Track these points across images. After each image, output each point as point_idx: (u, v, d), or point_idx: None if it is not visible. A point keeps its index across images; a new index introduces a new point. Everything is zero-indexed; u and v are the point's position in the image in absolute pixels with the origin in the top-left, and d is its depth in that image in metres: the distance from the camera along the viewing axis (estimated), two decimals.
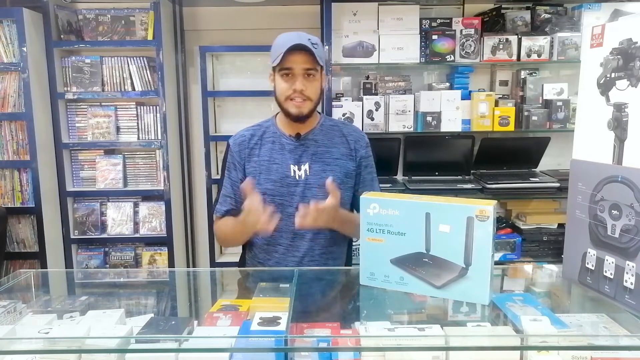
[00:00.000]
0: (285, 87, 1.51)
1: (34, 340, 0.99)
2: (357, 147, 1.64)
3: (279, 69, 1.51)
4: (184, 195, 3.17)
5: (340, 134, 1.64)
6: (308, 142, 1.60)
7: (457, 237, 1.14)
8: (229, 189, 1.63)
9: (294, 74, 1.49)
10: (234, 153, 1.62)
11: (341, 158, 1.61)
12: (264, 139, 1.61)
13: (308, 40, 1.47)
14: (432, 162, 2.93)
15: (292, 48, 1.45)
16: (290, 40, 1.46)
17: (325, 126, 1.64)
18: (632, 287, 1.05)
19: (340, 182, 1.57)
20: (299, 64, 1.48)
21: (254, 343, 0.98)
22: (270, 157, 1.59)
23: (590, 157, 1.17)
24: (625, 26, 1.08)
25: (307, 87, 1.50)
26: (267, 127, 1.64)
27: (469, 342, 1.03)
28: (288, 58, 1.47)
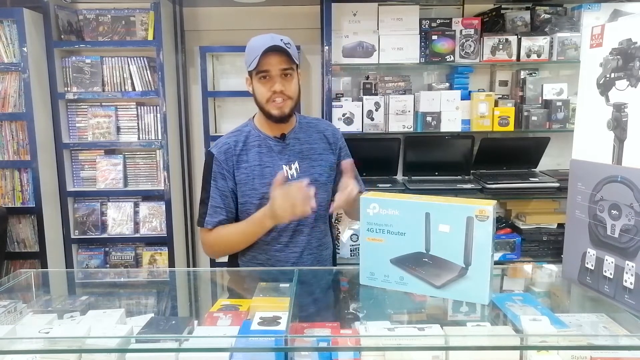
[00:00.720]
0: (265, 89, 1.51)
1: (35, 340, 1.00)
2: (334, 141, 1.68)
3: (256, 73, 1.51)
4: (184, 195, 3.17)
5: (317, 130, 1.67)
6: (292, 141, 1.62)
7: (456, 237, 1.14)
8: (217, 199, 1.58)
9: (272, 75, 1.50)
10: (221, 162, 1.58)
11: (324, 153, 1.65)
12: (248, 144, 1.60)
13: (281, 40, 1.48)
14: (432, 162, 2.94)
15: (267, 50, 1.45)
16: (264, 43, 1.46)
17: (303, 124, 1.67)
18: (631, 287, 1.05)
19: (327, 175, 1.63)
20: (275, 66, 1.48)
21: (254, 343, 0.99)
22: (260, 160, 1.58)
23: (590, 157, 1.17)
24: (624, 26, 1.08)
25: (286, 87, 1.51)
26: (247, 131, 1.63)
27: (468, 342, 1.03)
28: (264, 61, 1.47)
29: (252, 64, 1.48)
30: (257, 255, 1.62)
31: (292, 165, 1.60)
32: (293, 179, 1.57)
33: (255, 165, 1.58)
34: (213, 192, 1.59)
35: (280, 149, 1.60)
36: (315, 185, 1.54)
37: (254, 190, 1.56)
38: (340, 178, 1.60)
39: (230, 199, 1.58)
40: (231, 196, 1.59)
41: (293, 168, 1.59)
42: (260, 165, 1.58)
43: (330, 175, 1.65)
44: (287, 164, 1.59)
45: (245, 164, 1.58)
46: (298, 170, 1.59)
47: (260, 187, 1.56)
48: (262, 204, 1.55)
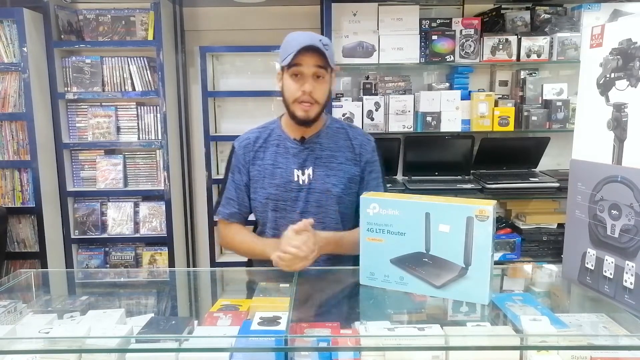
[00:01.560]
0: (294, 88, 1.47)
1: (35, 340, 1.00)
2: (362, 152, 1.59)
3: (288, 68, 1.47)
4: (184, 195, 3.17)
5: (346, 138, 1.61)
6: (312, 145, 1.57)
7: (456, 237, 1.14)
8: (232, 192, 1.61)
9: (304, 74, 1.46)
10: (239, 156, 1.60)
11: (345, 163, 1.57)
12: (268, 142, 1.59)
13: (319, 41, 1.44)
14: (432, 162, 2.93)
15: (303, 49, 1.42)
16: (302, 40, 1.43)
17: (332, 129, 1.61)
18: (631, 287, 1.05)
19: (343, 187, 1.55)
20: (309, 65, 1.44)
21: (254, 343, 0.99)
22: (274, 161, 1.57)
23: (590, 157, 1.17)
24: (624, 26, 1.08)
25: (315, 89, 1.47)
26: (272, 129, 1.62)
27: (468, 342, 1.03)
28: (298, 58, 1.43)
29: (286, 59, 1.44)
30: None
31: (306, 171, 1.55)
32: (304, 184, 1.55)
33: (268, 164, 1.57)
34: (229, 184, 1.62)
35: (297, 152, 1.56)
36: (327, 196, 1.53)
37: (262, 189, 1.56)
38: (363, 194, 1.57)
39: (244, 193, 1.59)
40: (245, 190, 1.60)
41: (306, 174, 1.55)
42: (273, 165, 1.56)
43: (349, 188, 1.57)
44: (300, 168, 1.55)
45: (260, 161, 1.58)
46: (311, 176, 1.55)
47: (268, 187, 1.55)
48: (267, 203, 1.55)
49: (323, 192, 1.54)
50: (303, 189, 1.55)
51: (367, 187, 1.59)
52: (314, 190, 1.55)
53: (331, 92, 1.57)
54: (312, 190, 1.55)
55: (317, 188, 1.55)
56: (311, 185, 1.55)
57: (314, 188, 1.55)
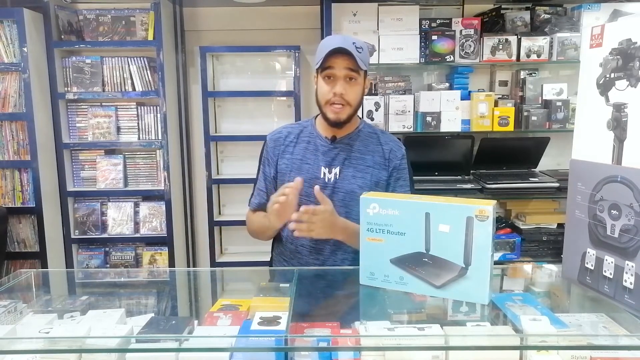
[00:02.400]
0: (326, 90, 1.50)
1: (35, 340, 1.00)
2: (391, 157, 1.60)
3: (321, 71, 1.50)
4: (184, 195, 3.17)
5: (377, 142, 1.62)
6: (343, 145, 1.59)
7: (456, 237, 1.14)
8: (262, 182, 1.66)
9: (336, 77, 1.48)
10: (269, 149, 1.64)
11: (374, 166, 1.58)
12: (300, 138, 1.62)
13: (353, 44, 1.46)
14: (432, 162, 2.93)
15: (334, 51, 1.44)
16: (334, 43, 1.46)
17: (364, 132, 1.62)
18: (631, 287, 1.05)
19: (369, 190, 1.55)
20: (340, 68, 1.47)
21: (254, 343, 0.99)
22: (303, 156, 1.59)
23: (590, 157, 1.17)
24: (624, 26, 1.08)
25: (347, 92, 1.49)
26: (305, 126, 1.65)
27: (468, 342, 1.03)
28: (330, 60, 1.46)
29: (319, 62, 1.48)
30: (284, 251, 1.66)
31: (333, 170, 1.57)
32: (330, 182, 1.57)
33: (297, 159, 1.59)
34: (260, 176, 1.67)
35: (326, 151, 1.58)
36: (352, 196, 1.53)
37: (288, 182, 1.56)
38: None
39: (271, 185, 1.63)
40: (272, 182, 1.63)
41: (333, 172, 1.57)
42: (301, 160, 1.59)
43: (373, 191, 1.54)
44: (328, 166, 1.57)
45: (289, 155, 1.60)
46: (338, 176, 1.57)
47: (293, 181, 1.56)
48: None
49: (348, 192, 1.55)
50: (328, 186, 1.56)
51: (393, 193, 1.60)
52: (339, 190, 1.56)
53: (364, 93, 1.58)
54: (338, 189, 1.56)
55: (343, 187, 1.56)
56: (337, 184, 1.56)
57: (340, 187, 1.56)
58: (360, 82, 1.53)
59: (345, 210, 1.55)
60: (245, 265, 2.99)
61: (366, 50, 1.52)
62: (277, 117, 3.16)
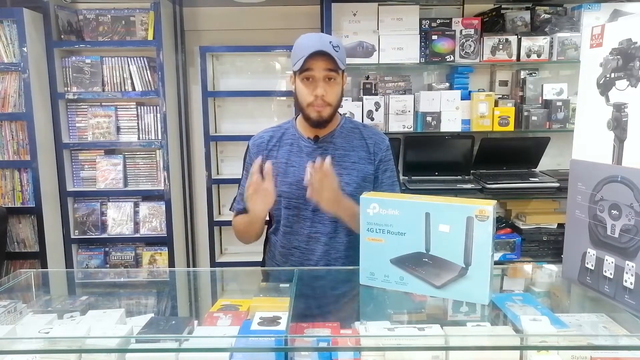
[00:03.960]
0: (306, 92, 1.49)
1: (34, 340, 1.00)
2: (376, 151, 1.60)
3: (299, 73, 1.49)
4: (184, 195, 3.17)
5: (360, 137, 1.62)
6: (326, 144, 1.58)
7: (456, 237, 1.14)
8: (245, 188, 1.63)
9: (315, 78, 1.47)
10: (252, 154, 1.62)
11: (359, 162, 1.58)
12: (282, 141, 1.61)
13: (329, 43, 1.45)
14: (432, 162, 2.93)
15: (314, 53, 1.43)
16: (312, 44, 1.44)
17: (346, 128, 1.62)
18: (631, 287, 1.05)
19: (356, 186, 1.55)
20: (319, 69, 1.46)
21: (254, 343, 0.99)
22: (287, 159, 1.58)
23: (590, 157, 1.17)
24: (624, 26, 1.08)
25: (327, 92, 1.48)
26: (286, 128, 1.64)
27: (468, 342, 1.03)
28: (309, 63, 1.45)
29: (297, 64, 1.46)
30: (276, 255, 1.65)
31: None
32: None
33: (282, 162, 1.58)
34: (243, 181, 1.64)
35: (310, 151, 1.57)
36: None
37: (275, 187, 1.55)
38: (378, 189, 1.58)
39: None
40: None
41: None
42: (286, 163, 1.58)
43: (361, 187, 1.55)
44: None
45: (274, 159, 1.58)
46: None
47: (281, 185, 1.55)
48: (280, 201, 1.56)
49: None
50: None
51: (381, 185, 1.61)
52: None
53: (343, 91, 1.58)
54: None
55: None
56: None
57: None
58: (340, 82, 1.53)
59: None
60: (245, 266, 2.99)
61: (343, 48, 1.51)
62: (277, 117, 3.16)
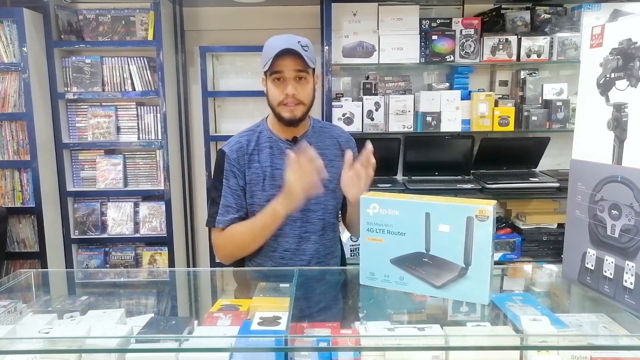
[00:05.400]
0: (277, 92, 1.49)
1: (34, 340, 1.00)
2: (347, 149, 1.60)
3: (269, 74, 1.49)
4: (184, 195, 3.17)
5: (330, 136, 1.64)
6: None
7: (456, 237, 1.14)
8: (229, 198, 1.55)
9: (285, 78, 1.47)
10: (232, 160, 1.55)
11: (335, 159, 1.60)
12: (260, 145, 1.58)
13: (298, 43, 1.45)
14: (432, 162, 2.94)
15: (281, 53, 1.43)
16: (280, 44, 1.44)
17: (316, 128, 1.64)
18: (631, 287, 1.05)
19: (337, 182, 1.54)
20: (289, 69, 1.46)
21: (254, 343, 0.98)
22: (271, 162, 1.56)
23: (590, 157, 1.17)
24: (624, 26, 1.08)
25: (298, 91, 1.48)
26: (259, 131, 1.61)
27: (468, 342, 1.03)
28: (278, 63, 1.45)
29: (266, 65, 1.47)
30: (263, 262, 1.60)
31: None
32: None
33: (266, 166, 1.56)
34: (224, 191, 1.55)
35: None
36: (325, 191, 1.52)
37: (262, 192, 1.54)
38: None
39: (242, 198, 1.55)
40: (243, 195, 1.56)
41: None
42: (271, 167, 1.56)
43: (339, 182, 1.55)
44: None
45: (257, 164, 1.56)
46: None
47: (270, 189, 1.54)
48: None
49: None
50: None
51: None
52: None
53: (315, 91, 1.56)
54: None
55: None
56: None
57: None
58: (310, 80, 1.52)
59: (319, 207, 1.57)
60: None
61: (312, 48, 1.51)
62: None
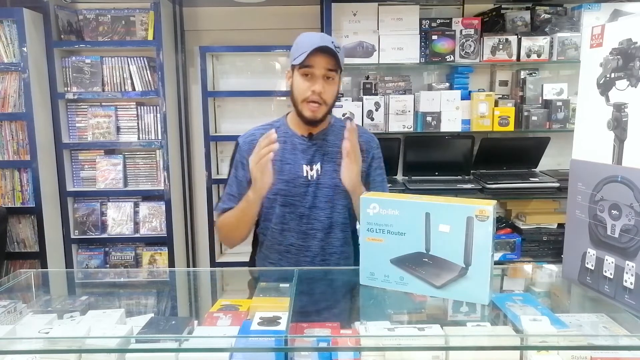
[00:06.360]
0: (304, 87, 1.49)
1: (34, 340, 0.99)
2: (367, 149, 1.62)
3: (299, 68, 1.49)
4: (184, 195, 3.17)
5: None
6: (320, 142, 1.59)
7: (457, 237, 1.14)
8: (234, 188, 1.61)
9: (314, 75, 1.48)
10: (243, 152, 1.60)
11: None
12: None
13: (332, 43, 1.46)
14: (432, 162, 2.93)
15: (317, 50, 1.44)
16: (315, 41, 1.45)
17: (336, 127, 1.63)
18: (631, 287, 1.05)
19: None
20: (320, 66, 1.47)
21: (254, 343, 0.98)
22: (282, 157, 1.57)
23: (590, 157, 1.17)
24: (624, 26, 1.08)
25: (325, 90, 1.49)
26: (277, 126, 1.63)
27: (468, 342, 1.03)
28: (310, 58, 1.46)
29: (298, 58, 1.47)
30: (270, 254, 1.63)
31: (314, 166, 1.57)
32: (313, 180, 1.56)
33: (276, 160, 1.55)
34: (231, 180, 1.63)
35: (305, 148, 1.58)
36: (335, 190, 1.54)
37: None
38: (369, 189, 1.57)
39: (245, 189, 1.56)
40: (246, 186, 1.57)
41: (314, 169, 1.57)
42: (280, 161, 1.57)
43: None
44: (309, 164, 1.57)
45: None
46: (319, 171, 1.57)
47: (277, 183, 1.55)
48: (276, 199, 1.56)
49: (331, 187, 1.56)
50: (312, 184, 1.56)
51: (373, 182, 1.63)
52: (323, 186, 1.56)
53: (338, 92, 1.58)
54: (321, 185, 1.56)
55: (326, 183, 1.56)
56: (320, 181, 1.56)
57: (323, 183, 1.56)
58: (337, 82, 1.54)
59: (330, 205, 1.56)
60: (245, 265, 2.99)
61: (342, 50, 1.53)
62: (277, 117, 3.10)
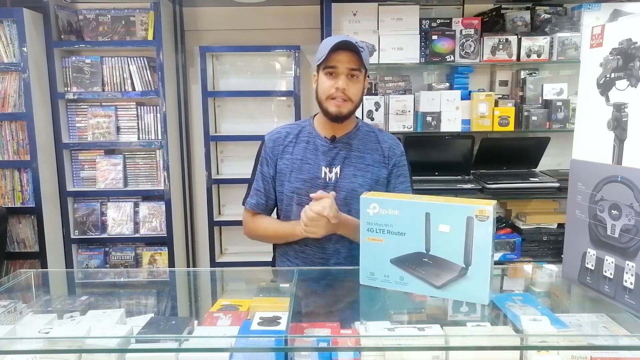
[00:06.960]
0: (328, 85, 1.50)
1: (34, 340, 1.00)
2: (390, 155, 1.62)
3: (323, 67, 1.50)
4: (184, 195, 3.17)
5: (376, 141, 1.63)
6: (342, 145, 1.59)
7: (457, 237, 1.14)
8: (260, 183, 1.64)
9: (338, 73, 1.49)
10: (268, 149, 1.63)
11: (373, 164, 1.59)
12: (299, 138, 1.62)
13: (355, 43, 1.48)
14: (432, 162, 2.93)
15: (338, 46, 1.45)
16: (338, 39, 1.47)
17: (362, 131, 1.64)
18: (631, 287, 1.05)
19: (369, 188, 1.56)
20: (343, 63, 1.48)
21: (254, 343, 0.99)
22: (303, 156, 1.59)
23: (590, 157, 1.17)
24: (624, 26, 1.08)
25: (349, 87, 1.50)
26: (303, 126, 1.65)
27: (468, 342, 1.03)
28: (333, 57, 1.47)
29: (321, 58, 1.49)
30: (289, 251, 1.65)
31: (333, 169, 1.58)
32: (330, 182, 1.57)
33: (297, 159, 1.59)
34: (257, 176, 1.66)
35: (326, 150, 1.59)
36: (352, 195, 1.55)
37: (288, 182, 1.59)
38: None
39: (270, 185, 1.63)
40: (271, 182, 1.63)
41: (333, 172, 1.57)
42: (301, 160, 1.59)
43: (374, 189, 1.57)
44: (328, 166, 1.58)
45: (289, 155, 1.60)
46: (338, 175, 1.57)
47: (295, 181, 1.58)
48: (293, 197, 1.58)
49: (349, 191, 1.56)
50: (329, 185, 1.57)
51: (394, 190, 1.62)
52: (341, 189, 1.57)
53: (364, 93, 1.60)
54: (339, 188, 1.57)
55: (344, 186, 1.57)
56: (338, 184, 1.57)
57: (341, 186, 1.57)
58: (362, 80, 1.54)
59: (346, 209, 1.56)
60: (245, 265, 2.99)
61: (367, 51, 1.53)
62: (277, 117, 3.16)
